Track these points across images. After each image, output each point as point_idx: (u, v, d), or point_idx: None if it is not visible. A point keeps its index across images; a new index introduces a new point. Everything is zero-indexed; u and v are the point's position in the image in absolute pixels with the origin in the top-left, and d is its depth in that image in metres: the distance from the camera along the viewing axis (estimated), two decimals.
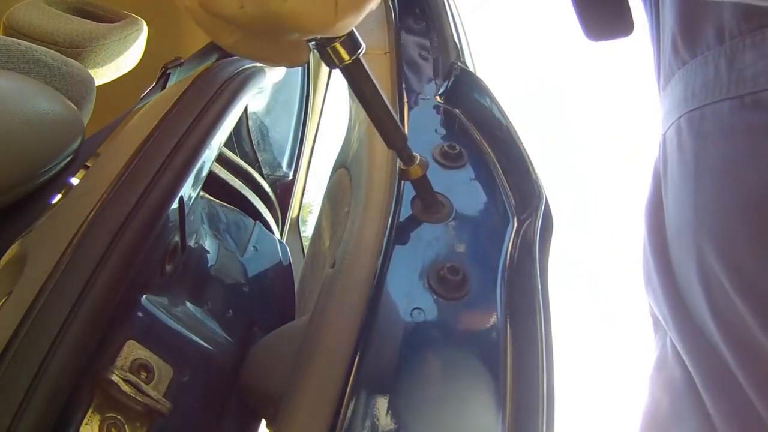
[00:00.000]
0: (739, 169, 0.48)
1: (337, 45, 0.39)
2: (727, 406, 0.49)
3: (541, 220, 0.46)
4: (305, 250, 1.48)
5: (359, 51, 0.40)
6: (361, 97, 0.43)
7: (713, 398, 0.50)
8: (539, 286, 0.42)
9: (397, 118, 0.45)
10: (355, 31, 0.39)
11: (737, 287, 0.47)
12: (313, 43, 0.40)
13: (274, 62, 0.37)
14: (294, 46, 0.38)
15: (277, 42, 0.37)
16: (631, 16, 0.60)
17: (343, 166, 0.69)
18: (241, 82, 0.64)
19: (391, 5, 0.77)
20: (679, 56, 0.56)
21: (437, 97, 0.62)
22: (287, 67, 0.43)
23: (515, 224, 0.48)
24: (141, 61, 1.29)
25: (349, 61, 0.40)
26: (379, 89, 0.42)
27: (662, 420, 0.57)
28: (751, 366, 0.47)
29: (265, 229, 0.83)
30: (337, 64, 0.40)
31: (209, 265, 0.62)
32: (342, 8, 0.31)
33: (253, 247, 0.75)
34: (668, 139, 0.57)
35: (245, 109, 1.04)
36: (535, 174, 0.50)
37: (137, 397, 0.41)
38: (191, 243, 0.57)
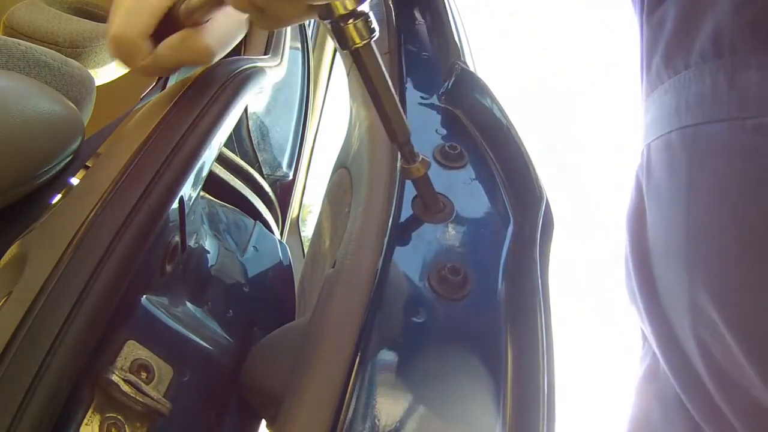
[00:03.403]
0: (738, 196, 0.46)
1: (351, 26, 0.39)
2: (714, 429, 0.49)
3: (541, 220, 0.46)
4: (305, 250, 1.48)
5: (373, 35, 0.40)
6: (368, 84, 0.43)
7: (701, 419, 0.50)
8: (540, 286, 0.42)
9: (405, 118, 0.44)
10: (372, 16, 0.40)
11: (728, 322, 0.45)
12: (328, 22, 0.40)
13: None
14: None
15: None
16: None
17: (343, 166, 0.69)
18: (241, 82, 0.64)
19: (391, 5, 0.77)
20: (670, 64, 0.53)
21: (438, 97, 0.62)
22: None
23: (516, 224, 0.48)
24: None
25: (361, 44, 0.40)
26: (388, 80, 0.42)
27: (653, 427, 0.57)
28: (737, 404, 0.46)
29: (265, 229, 0.83)
30: (349, 45, 0.40)
31: (209, 265, 0.62)
32: None
33: (253, 247, 0.75)
34: (654, 151, 0.55)
35: (245, 109, 1.04)
36: (536, 174, 0.50)
37: (137, 397, 0.41)
38: (191, 243, 0.57)
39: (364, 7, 0.40)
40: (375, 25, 0.40)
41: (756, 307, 0.44)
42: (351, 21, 0.39)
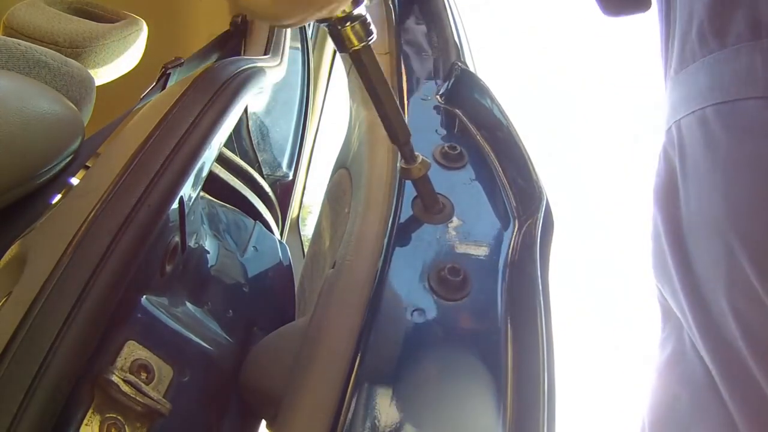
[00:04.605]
0: None
1: (349, 29, 0.40)
2: (747, 405, 0.49)
3: (541, 220, 0.46)
4: (305, 250, 1.48)
5: (370, 38, 0.41)
6: (368, 85, 0.43)
7: (733, 396, 0.50)
8: (540, 287, 0.42)
9: (405, 119, 0.45)
10: (369, 18, 0.40)
11: None
12: (326, 25, 0.40)
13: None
14: None
15: None
16: None
17: (343, 166, 0.69)
18: (241, 82, 0.64)
19: (391, 5, 0.77)
20: (705, 44, 0.55)
21: (437, 98, 0.62)
22: None
23: (516, 225, 0.48)
24: (141, 61, 1.29)
25: (359, 47, 0.40)
26: (386, 84, 0.43)
27: (681, 413, 0.57)
28: None
29: (265, 229, 0.83)
30: (347, 48, 0.41)
31: (209, 265, 0.62)
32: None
33: (253, 247, 0.75)
34: (686, 127, 0.56)
35: (245, 109, 1.04)
36: (536, 174, 0.50)
37: (137, 398, 0.41)
38: (191, 243, 0.57)
39: (361, 10, 0.40)
40: (373, 27, 0.41)
41: None
42: (348, 24, 0.40)
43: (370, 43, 0.41)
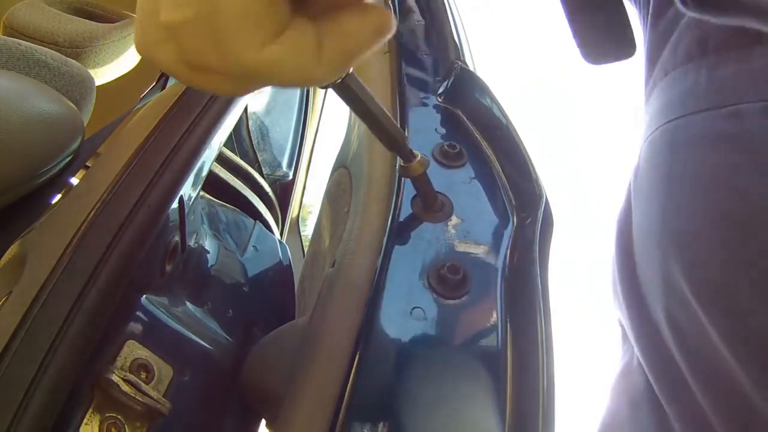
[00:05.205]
0: (708, 178, 0.47)
1: None
2: (682, 414, 0.49)
3: (541, 219, 0.46)
4: (305, 250, 1.47)
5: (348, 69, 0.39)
6: (355, 112, 0.42)
7: (670, 405, 0.50)
8: (539, 286, 0.42)
9: (396, 124, 0.44)
10: None
11: (698, 295, 0.46)
12: None
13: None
14: None
15: None
16: (633, 37, 0.57)
17: (343, 165, 0.69)
18: None
19: (391, 5, 0.77)
20: (662, 68, 0.55)
21: (437, 97, 0.62)
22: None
23: (515, 223, 0.48)
24: (141, 61, 1.29)
25: (339, 81, 0.39)
26: (373, 101, 0.41)
27: (621, 422, 0.57)
28: (705, 377, 0.46)
29: (265, 229, 0.83)
30: (326, 84, 0.39)
31: (209, 265, 0.62)
32: (327, 61, 0.27)
33: (253, 247, 0.75)
34: (642, 151, 0.56)
35: (245, 109, 1.04)
36: (536, 173, 0.50)
37: (137, 397, 0.41)
38: (191, 243, 0.57)
39: None
40: None
41: (724, 277, 0.45)
42: None
43: (350, 72, 0.39)
